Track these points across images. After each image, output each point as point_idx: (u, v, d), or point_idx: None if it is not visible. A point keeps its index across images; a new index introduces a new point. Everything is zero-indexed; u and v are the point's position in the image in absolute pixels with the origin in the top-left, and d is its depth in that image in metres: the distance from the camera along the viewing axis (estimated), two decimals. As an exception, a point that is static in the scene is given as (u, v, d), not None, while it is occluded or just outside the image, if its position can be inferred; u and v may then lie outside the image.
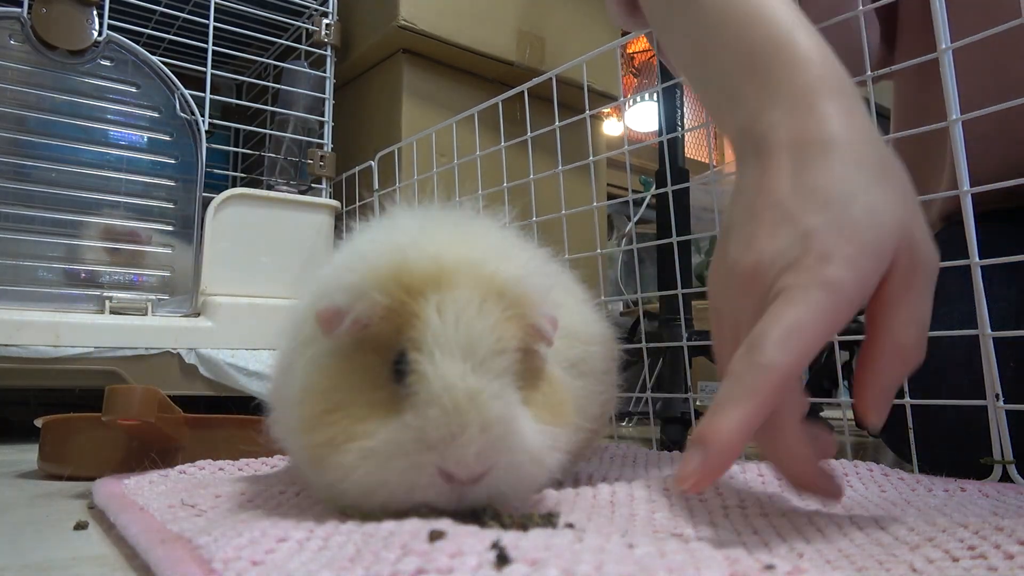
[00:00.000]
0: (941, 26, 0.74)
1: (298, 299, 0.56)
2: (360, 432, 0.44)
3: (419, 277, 0.46)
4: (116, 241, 1.38)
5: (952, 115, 0.73)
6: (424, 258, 0.46)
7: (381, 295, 0.45)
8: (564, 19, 1.94)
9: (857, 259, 0.44)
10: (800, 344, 0.43)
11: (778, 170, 0.49)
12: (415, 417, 0.43)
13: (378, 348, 0.46)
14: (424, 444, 0.43)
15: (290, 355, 0.53)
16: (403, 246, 0.47)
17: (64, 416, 0.88)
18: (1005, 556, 0.39)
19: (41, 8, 1.31)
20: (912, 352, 0.47)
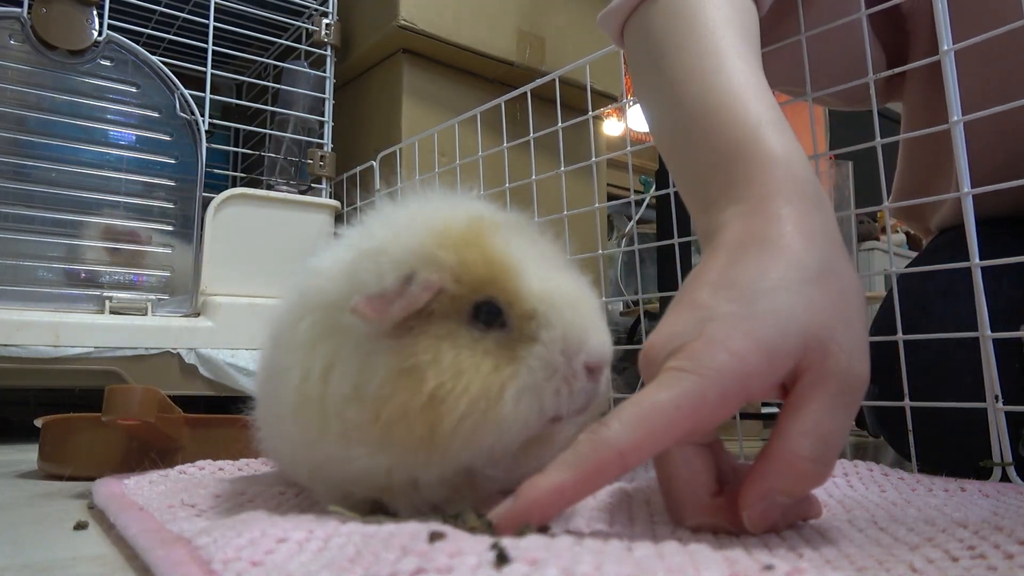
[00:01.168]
0: (943, 28, 0.74)
1: (291, 299, 0.54)
2: (499, 381, 0.45)
3: (465, 231, 0.48)
4: (116, 241, 1.38)
5: (953, 116, 0.73)
6: (464, 215, 0.49)
7: (446, 253, 0.46)
8: (564, 19, 1.94)
9: (745, 354, 0.42)
10: (648, 427, 0.41)
11: (714, 263, 0.49)
12: (548, 333, 0.46)
13: (447, 312, 0.47)
14: (570, 351, 0.46)
15: (310, 354, 0.49)
16: (434, 212, 0.49)
17: (64, 416, 0.88)
18: (1005, 556, 0.39)
19: (41, 8, 1.31)
20: (804, 464, 0.43)
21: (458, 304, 0.47)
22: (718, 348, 0.42)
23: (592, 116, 1.15)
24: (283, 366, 0.50)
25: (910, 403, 0.80)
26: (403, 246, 0.47)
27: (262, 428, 0.60)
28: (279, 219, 1.52)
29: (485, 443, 0.46)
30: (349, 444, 0.47)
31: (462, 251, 0.47)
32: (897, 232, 4.01)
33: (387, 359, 0.46)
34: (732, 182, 0.53)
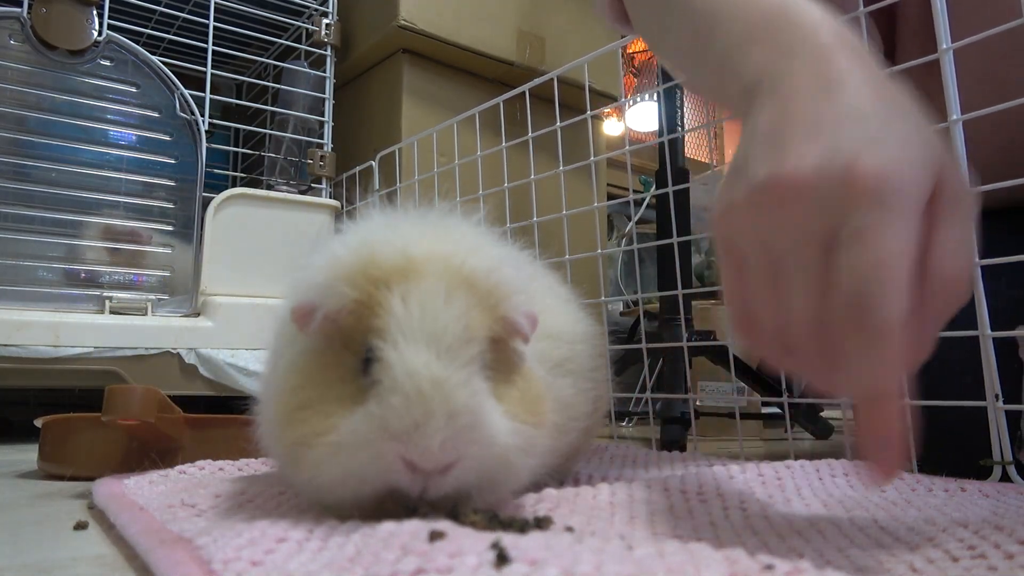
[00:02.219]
0: (941, 26, 0.74)
1: (283, 299, 0.57)
2: (328, 426, 0.44)
3: (386, 269, 0.46)
4: (116, 241, 1.38)
5: (952, 115, 0.73)
6: (391, 251, 0.46)
7: (350, 288, 0.45)
8: (564, 19, 1.94)
9: (916, 169, 0.39)
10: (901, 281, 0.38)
11: (803, 95, 0.44)
12: (378, 406, 0.42)
13: (349, 343, 0.47)
14: (387, 433, 0.42)
15: (274, 355, 0.54)
16: (370, 241, 0.48)
17: (64, 416, 0.88)
18: (1005, 556, 0.39)
19: (41, 8, 1.31)
20: (959, 284, 0.40)
21: (358, 338, 0.46)
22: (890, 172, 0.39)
23: (591, 116, 1.15)
24: (269, 360, 0.53)
25: (910, 402, 0.80)
26: (331, 266, 0.47)
27: (262, 426, 0.61)
28: (279, 219, 1.52)
29: (301, 476, 0.46)
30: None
31: (372, 291, 0.45)
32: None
33: (290, 366, 0.48)
34: (780, 41, 0.48)
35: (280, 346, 0.53)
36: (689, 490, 0.61)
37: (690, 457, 0.97)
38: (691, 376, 1.15)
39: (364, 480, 0.44)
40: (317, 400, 0.45)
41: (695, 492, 0.61)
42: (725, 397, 1.43)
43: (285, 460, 0.48)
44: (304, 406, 0.45)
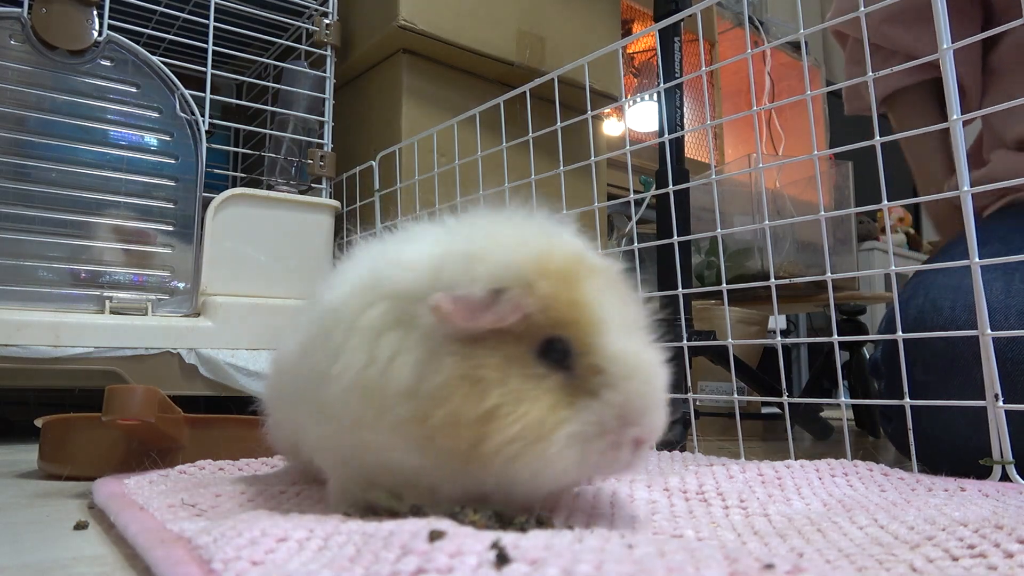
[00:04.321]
0: (941, 26, 0.74)
1: (356, 283, 0.53)
2: (554, 420, 0.45)
3: (565, 266, 0.47)
4: (117, 241, 1.38)
5: (953, 115, 0.73)
6: (567, 249, 0.49)
7: (542, 280, 0.46)
8: (564, 19, 1.94)
9: None
10: None
11: None
12: (611, 394, 0.46)
13: (519, 336, 0.46)
14: (625, 419, 0.46)
15: (362, 339, 0.49)
16: (543, 236, 0.49)
17: (64, 416, 0.88)
18: (1005, 555, 0.39)
19: (41, 8, 1.31)
20: None
21: (532, 332, 0.47)
22: None
23: (591, 116, 1.15)
24: (340, 347, 0.49)
25: (910, 402, 0.80)
26: (501, 260, 0.47)
27: (281, 410, 0.61)
28: (279, 219, 1.52)
29: (522, 473, 0.45)
30: (395, 436, 0.47)
31: (556, 285, 0.47)
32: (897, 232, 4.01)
33: (452, 362, 0.46)
34: None
35: (375, 349, 0.48)
36: (689, 490, 0.61)
37: (690, 457, 0.97)
38: (691, 376, 1.15)
39: (594, 466, 0.47)
40: (521, 397, 0.45)
41: (695, 492, 0.61)
42: (725, 397, 1.43)
43: (488, 458, 0.45)
44: (512, 401, 0.45)
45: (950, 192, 0.78)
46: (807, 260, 1.86)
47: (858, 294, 1.97)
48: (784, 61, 3.31)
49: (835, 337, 0.88)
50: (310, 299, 0.64)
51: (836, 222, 1.95)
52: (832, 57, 4.04)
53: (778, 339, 0.92)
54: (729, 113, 3.13)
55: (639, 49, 3.03)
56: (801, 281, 0.89)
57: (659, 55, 1.24)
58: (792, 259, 1.84)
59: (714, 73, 3.06)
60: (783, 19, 3.31)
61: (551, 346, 0.46)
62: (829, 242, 1.09)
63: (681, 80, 1.29)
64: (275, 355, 0.69)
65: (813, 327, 3.52)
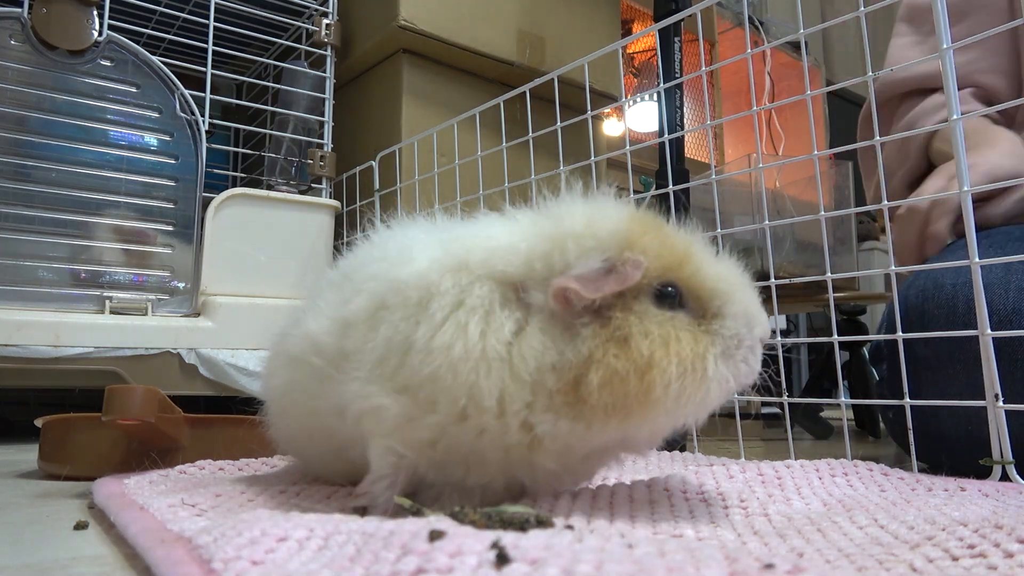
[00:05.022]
0: (941, 26, 0.74)
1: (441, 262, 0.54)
2: (701, 349, 0.51)
3: (647, 222, 0.54)
4: (117, 241, 1.38)
5: (952, 115, 0.73)
6: (634, 210, 0.55)
7: (641, 238, 0.52)
8: (564, 19, 1.94)
9: None
10: None
11: None
12: (733, 308, 0.53)
13: (636, 293, 0.52)
14: (750, 325, 0.54)
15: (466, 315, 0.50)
16: (612, 206, 0.54)
17: (64, 416, 0.88)
18: (1005, 555, 0.39)
19: (41, 8, 1.31)
20: None
21: (643, 286, 0.52)
22: None
23: (591, 116, 1.15)
24: (439, 323, 0.51)
25: (910, 402, 0.80)
26: (603, 231, 0.52)
27: (301, 397, 0.60)
28: (279, 219, 1.52)
29: (691, 404, 0.51)
30: (534, 410, 0.50)
31: (651, 238, 0.52)
32: (897, 232, 4.00)
33: (591, 331, 0.50)
34: None
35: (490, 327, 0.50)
36: (689, 490, 0.61)
37: (690, 457, 0.97)
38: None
39: (742, 375, 0.54)
40: (666, 339, 0.50)
41: (695, 492, 0.61)
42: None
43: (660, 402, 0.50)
44: (665, 343, 0.50)
45: (950, 192, 0.78)
46: (807, 260, 1.86)
47: (858, 294, 1.97)
48: (784, 61, 3.31)
49: (835, 337, 0.88)
50: (338, 277, 0.63)
51: (836, 222, 1.95)
52: (832, 57, 4.04)
53: (778, 339, 0.92)
54: (729, 113, 3.13)
55: (639, 49, 3.03)
56: (801, 281, 0.88)
57: (659, 55, 1.24)
58: (792, 259, 1.84)
59: (714, 73, 3.06)
60: (783, 19, 3.31)
61: (664, 291, 0.52)
62: (829, 242, 1.09)
63: (681, 80, 1.29)
64: (289, 339, 0.64)
65: (813, 327, 3.52)
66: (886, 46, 1.18)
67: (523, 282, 0.52)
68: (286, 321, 0.69)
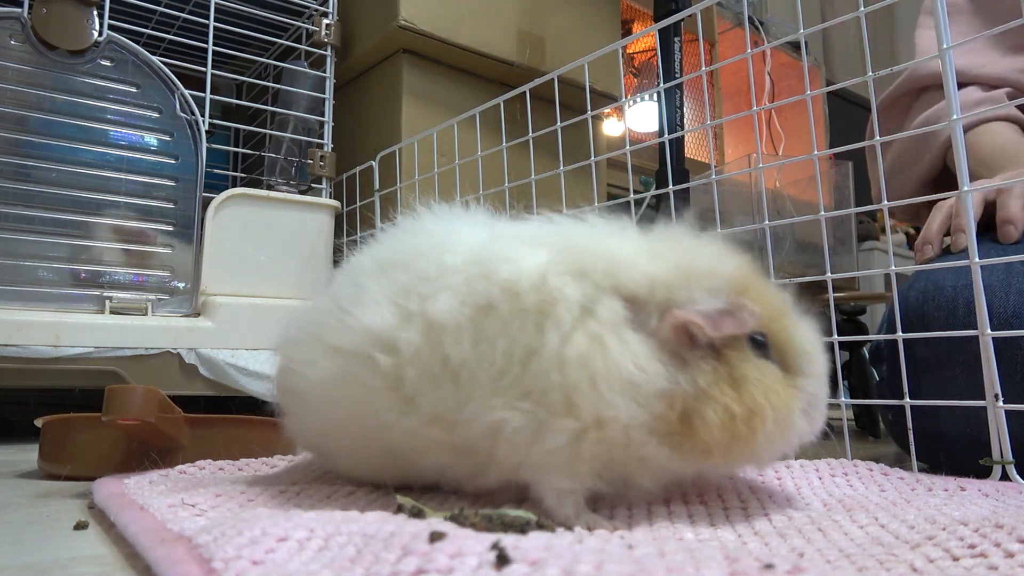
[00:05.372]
0: (942, 27, 0.74)
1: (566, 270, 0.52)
2: (790, 402, 0.53)
3: (754, 274, 0.56)
4: (117, 241, 1.38)
5: (953, 115, 0.73)
6: (750, 267, 0.57)
7: (753, 289, 0.54)
8: (564, 19, 1.94)
9: None
10: None
11: None
12: (815, 369, 0.56)
13: (737, 336, 0.53)
14: (821, 389, 0.57)
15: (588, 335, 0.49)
16: (727, 250, 0.56)
17: (64, 416, 0.88)
18: (1006, 554, 0.39)
19: (41, 8, 1.31)
20: None
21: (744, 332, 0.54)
22: None
23: (591, 116, 1.15)
24: (568, 334, 0.49)
25: (910, 402, 0.80)
26: (728, 273, 0.53)
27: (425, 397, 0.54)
28: (279, 219, 1.52)
29: (773, 451, 0.54)
30: (646, 433, 0.50)
31: (758, 290, 0.55)
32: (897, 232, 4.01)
33: (711, 367, 0.51)
34: None
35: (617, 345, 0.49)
36: (689, 490, 0.61)
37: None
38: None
39: (809, 432, 0.56)
40: (768, 388, 0.52)
41: (695, 492, 0.61)
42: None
43: (758, 446, 0.52)
44: (767, 391, 0.52)
45: (950, 192, 0.78)
46: (807, 260, 1.86)
47: (858, 294, 1.97)
48: (784, 61, 3.31)
49: (835, 337, 0.88)
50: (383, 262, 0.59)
51: (836, 222, 1.95)
52: (832, 57, 4.04)
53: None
54: (729, 113, 3.13)
55: (639, 49, 3.03)
56: (801, 281, 0.89)
57: (659, 55, 1.24)
58: (792, 259, 1.84)
59: (714, 73, 3.06)
60: (783, 19, 3.31)
61: (758, 340, 0.54)
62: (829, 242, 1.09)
63: (681, 80, 1.30)
64: (330, 328, 0.57)
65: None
66: (886, 46, 1.18)
67: (645, 304, 0.52)
68: (314, 307, 0.62)
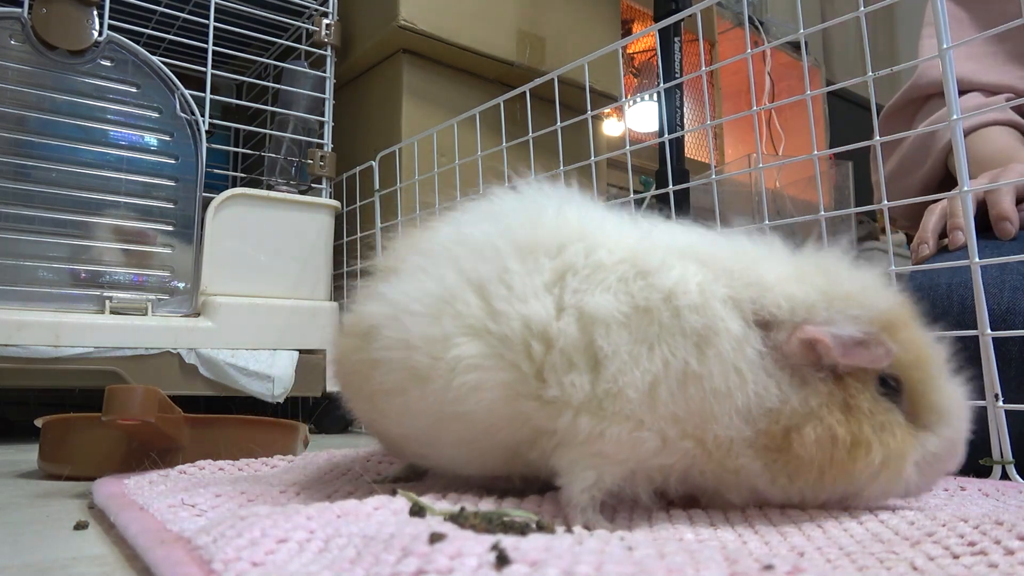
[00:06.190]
0: (942, 27, 0.74)
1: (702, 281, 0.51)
2: (906, 449, 0.52)
3: (907, 313, 0.54)
4: (117, 241, 1.38)
5: (953, 116, 0.73)
6: (898, 296, 0.55)
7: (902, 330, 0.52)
8: (564, 19, 1.94)
9: None
10: None
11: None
12: (946, 432, 0.53)
13: (866, 370, 0.52)
14: (952, 453, 0.54)
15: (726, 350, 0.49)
16: (881, 282, 0.54)
17: (64, 416, 0.88)
18: (1005, 552, 0.39)
19: (41, 8, 1.31)
20: None
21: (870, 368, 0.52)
22: None
23: (591, 116, 1.15)
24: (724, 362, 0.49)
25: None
26: (874, 304, 0.52)
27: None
28: (279, 219, 1.52)
29: (871, 491, 0.52)
30: (747, 448, 0.50)
31: (907, 331, 0.53)
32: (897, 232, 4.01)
33: (826, 389, 0.50)
34: None
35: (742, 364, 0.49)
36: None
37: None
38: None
39: (922, 487, 0.55)
40: (884, 427, 0.51)
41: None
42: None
43: (857, 477, 0.51)
44: (881, 428, 0.51)
45: (950, 192, 0.78)
46: (807, 260, 1.86)
47: (858, 294, 1.97)
48: (784, 61, 3.31)
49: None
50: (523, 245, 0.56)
51: (836, 222, 1.95)
52: (832, 57, 4.04)
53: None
54: (729, 113, 3.13)
55: (639, 49, 3.03)
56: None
57: (659, 55, 1.24)
58: (792, 259, 1.84)
59: (714, 73, 3.06)
60: (783, 19, 3.31)
61: (884, 381, 0.52)
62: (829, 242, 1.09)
63: (681, 80, 1.30)
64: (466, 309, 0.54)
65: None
66: (886, 46, 1.18)
67: (781, 324, 0.51)
68: (429, 280, 0.56)
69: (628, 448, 0.50)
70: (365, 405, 0.62)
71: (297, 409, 1.67)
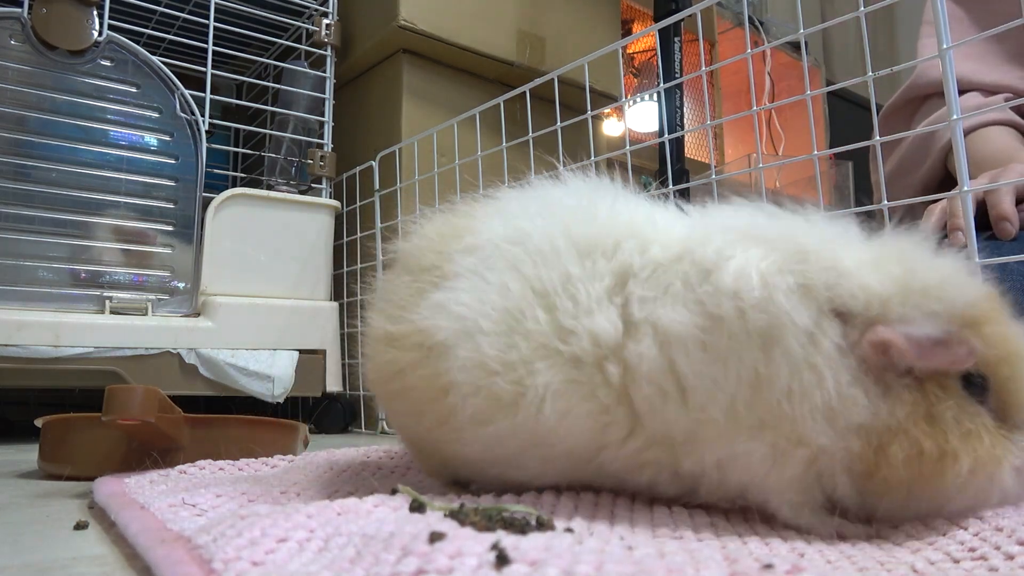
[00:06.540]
0: (942, 27, 0.74)
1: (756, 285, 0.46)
2: (998, 454, 0.46)
3: (995, 308, 0.49)
4: (117, 241, 1.38)
5: (953, 115, 0.73)
6: (985, 289, 0.50)
7: (988, 326, 0.47)
8: (564, 19, 1.94)
9: None
10: None
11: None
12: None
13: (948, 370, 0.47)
14: None
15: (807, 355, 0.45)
16: (968, 274, 0.49)
17: (64, 416, 0.88)
18: (1005, 557, 0.39)
19: (41, 8, 1.31)
20: None
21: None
22: None
23: (591, 116, 1.15)
24: (795, 361, 0.45)
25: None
26: (958, 300, 0.47)
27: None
28: (279, 219, 1.52)
29: (964, 502, 0.47)
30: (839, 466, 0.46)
31: (994, 328, 0.48)
32: (897, 232, 4.00)
33: (912, 398, 0.46)
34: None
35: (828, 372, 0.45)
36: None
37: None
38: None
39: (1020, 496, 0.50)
40: (971, 434, 0.46)
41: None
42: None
43: (949, 489, 0.46)
44: (967, 435, 0.46)
45: (950, 192, 0.78)
46: (807, 260, 1.86)
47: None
48: (784, 61, 3.31)
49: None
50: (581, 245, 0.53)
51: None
52: (832, 57, 4.05)
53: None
54: (729, 113, 3.13)
55: (639, 49, 3.03)
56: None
57: (659, 55, 1.25)
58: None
59: (714, 73, 3.06)
60: (783, 19, 3.31)
61: (970, 380, 0.47)
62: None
63: (681, 80, 1.30)
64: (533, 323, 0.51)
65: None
66: (886, 46, 1.18)
67: (855, 319, 0.46)
68: (488, 287, 0.53)
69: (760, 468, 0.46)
70: (429, 425, 0.57)
71: (297, 409, 1.67)
